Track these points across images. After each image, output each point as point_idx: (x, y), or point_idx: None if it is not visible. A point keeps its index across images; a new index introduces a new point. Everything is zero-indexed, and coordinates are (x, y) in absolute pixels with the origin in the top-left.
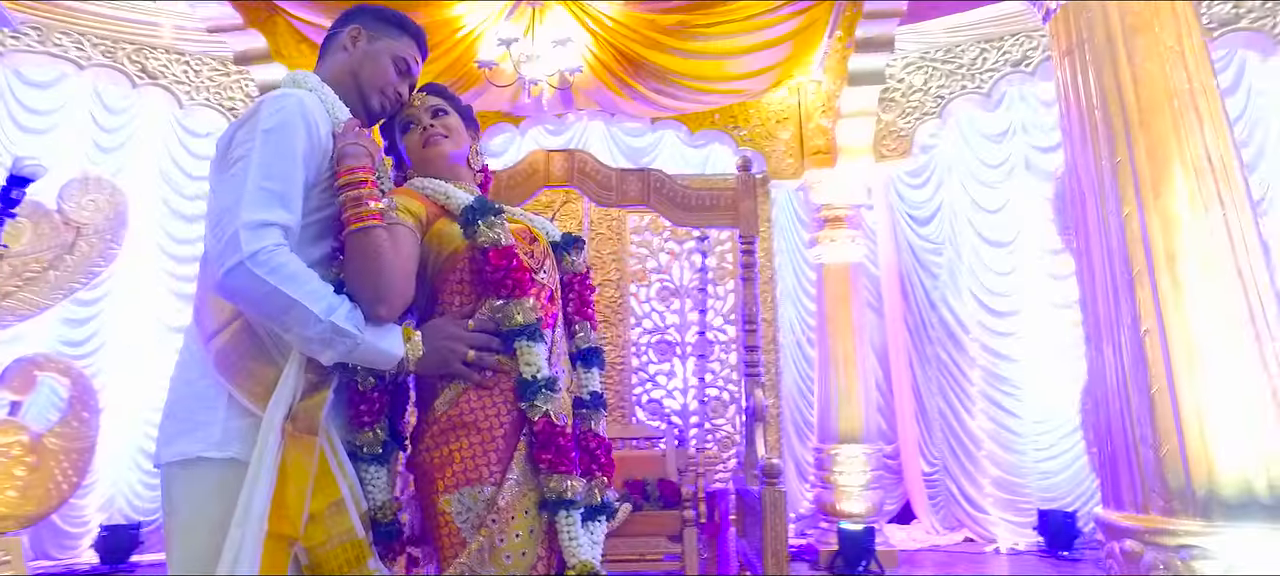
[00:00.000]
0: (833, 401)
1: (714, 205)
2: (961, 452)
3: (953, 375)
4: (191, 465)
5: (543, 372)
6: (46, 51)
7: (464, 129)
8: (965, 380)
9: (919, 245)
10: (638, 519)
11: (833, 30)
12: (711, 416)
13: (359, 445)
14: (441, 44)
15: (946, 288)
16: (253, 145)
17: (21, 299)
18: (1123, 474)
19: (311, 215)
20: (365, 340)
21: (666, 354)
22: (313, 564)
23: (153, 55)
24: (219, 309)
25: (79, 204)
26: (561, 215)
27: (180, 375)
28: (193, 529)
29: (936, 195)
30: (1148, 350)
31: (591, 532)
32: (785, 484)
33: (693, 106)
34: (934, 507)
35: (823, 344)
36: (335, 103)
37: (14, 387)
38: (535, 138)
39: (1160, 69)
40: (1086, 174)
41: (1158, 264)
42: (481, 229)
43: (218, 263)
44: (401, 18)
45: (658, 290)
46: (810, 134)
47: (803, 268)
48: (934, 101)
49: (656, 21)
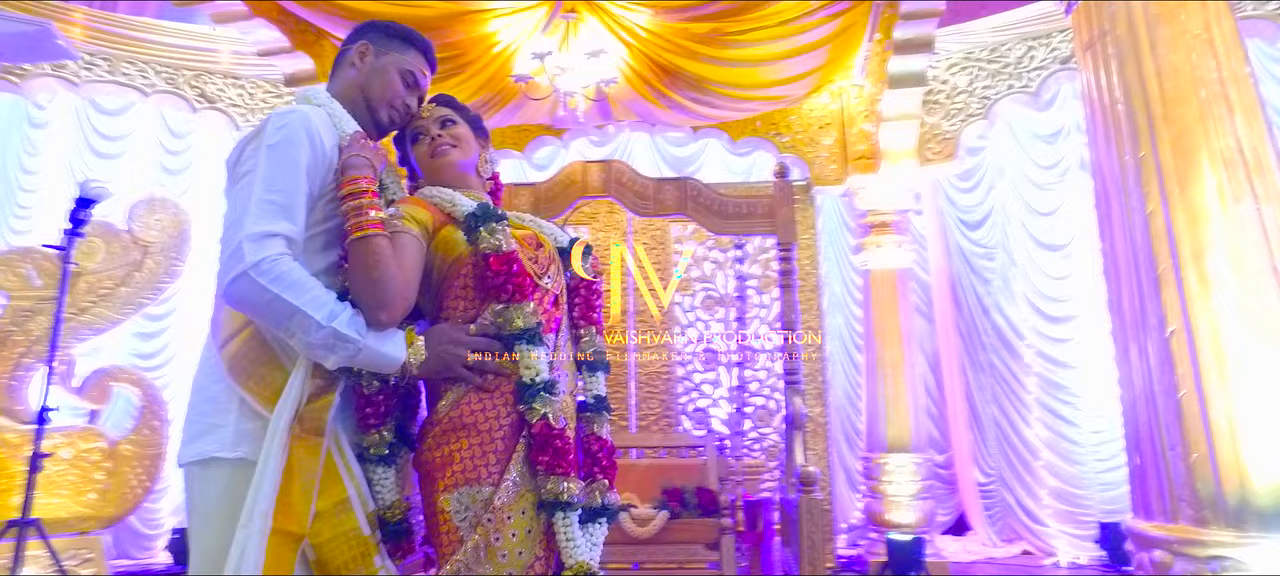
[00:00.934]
0: (880, 409)
1: (751, 213)
2: (1018, 462)
3: (1007, 383)
4: (207, 465)
5: (541, 376)
6: (115, 80)
7: (472, 138)
8: (1021, 388)
9: (970, 250)
10: (675, 526)
11: (872, 33)
12: (758, 425)
13: (366, 447)
14: (478, 60)
15: (999, 293)
16: (258, 160)
17: (97, 314)
18: (1151, 481)
19: (318, 226)
20: (367, 345)
21: (712, 363)
22: (320, 560)
23: (210, 80)
24: (230, 317)
25: (146, 223)
26: (605, 225)
27: (198, 381)
28: (207, 526)
29: (988, 199)
30: (1174, 352)
31: (590, 534)
32: (833, 493)
33: (732, 114)
34: (990, 519)
35: (870, 351)
36: (343, 116)
37: (92, 397)
38: (579, 149)
39: (1186, 59)
40: (1110, 171)
41: (1183, 261)
42: (483, 235)
43: (224, 272)
44: (408, 32)
45: (702, 299)
46: (853, 139)
47: (851, 275)
48: (979, 103)
49: (689, 30)
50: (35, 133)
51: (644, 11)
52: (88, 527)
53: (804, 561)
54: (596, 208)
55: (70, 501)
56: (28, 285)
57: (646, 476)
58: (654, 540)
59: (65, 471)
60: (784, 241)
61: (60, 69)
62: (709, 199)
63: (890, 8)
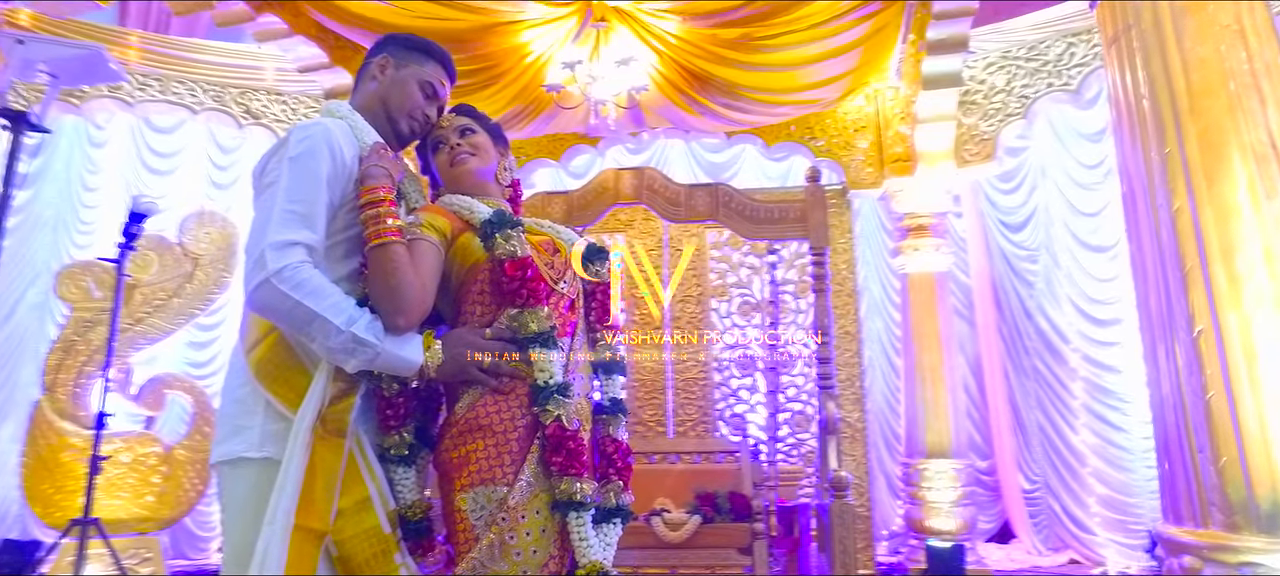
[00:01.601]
0: (919, 415)
1: (783, 217)
2: (1064, 469)
3: (1052, 387)
4: (236, 465)
5: (555, 379)
6: (166, 99)
7: (491, 146)
8: (1066, 393)
9: (1012, 252)
10: (708, 531)
11: (905, 34)
12: (795, 430)
13: (386, 447)
14: (511, 70)
15: (1043, 296)
16: (281, 171)
17: (151, 324)
18: (1181, 486)
19: (339, 234)
20: (385, 349)
21: (748, 368)
22: (342, 557)
23: (255, 97)
24: (256, 323)
25: (196, 237)
26: (641, 232)
27: (228, 384)
28: (236, 523)
29: (1030, 200)
30: (1202, 352)
31: (604, 534)
32: (873, 499)
33: (765, 119)
34: (1035, 527)
35: (908, 355)
36: (364, 128)
37: (148, 404)
38: (615, 157)
39: (1214, 50)
40: (1135, 169)
41: (1212, 259)
42: (498, 241)
43: (248, 280)
44: (427, 44)
45: (738, 304)
46: (889, 142)
47: (889, 278)
48: (1018, 102)
49: (718, 36)
50: (95, 151)
51: (673, 18)
52: (146, 528)
53: (836, 566)
54: (631, 214)
55: (130, 503)
56: (89, 297)
57: (681, 481)
58: (686, 544)
59: (125, 474)
60: (816, 246)
61: (116, 90)
62: (740, 204)
63: (923, 8)
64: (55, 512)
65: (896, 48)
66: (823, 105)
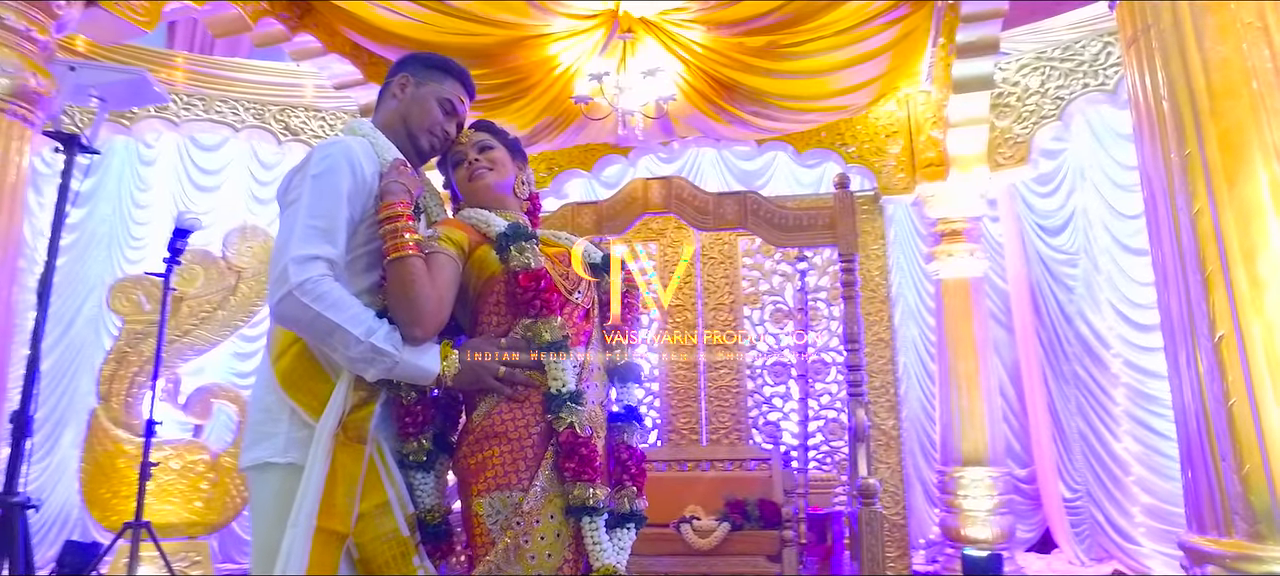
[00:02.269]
0: (955, 422)
1: (812, 225)
2: (1107, 477)
3: (1093, 394)
4: (262, 470)
5: (568, 387)
6: (210, 118)
7: (509, 161)
8: (1108, 399)
9: (1050, 256)
10: (737, 538)
11: (935, 38)
12: (828, 438)
13: (406, 453)
14: (540, 82)
15: (1083, 300)
16: (303, 189)
17: (198, 336)
18: (1203, 494)
19: (360, 248)
20: (403, 358)
21: (782, 376)
22: (363, 558)
23: (294, 114)
24: (281, 334)
25: (239, 250)
26: (673, 241)
27: (255, 393)
28: (263, 525)
29: (1068, 202)
30: (1223, 358)
31: (618, 539)
32: (909, 507)
33: (794, 126)
34: (1077, 536)
35: (942, 362)
36: (385, 145)
37: (196, 413)
38: (647, 166)
39: (1236, 49)
40: (1155, 172)
41: (1233, 262)
42: (513, 254)
43: (272, 293)
44: (446, 62)
45: (771, 312)
46: (921, 146)
47: (925, 284)
48: (1052, 104)
49: (745, 44)
50: (145, 170)
51: (698, 28)
52: (196, 532)
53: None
54: (664, 223)
55: (180, 508)
56: (139, 310)
57: (712, 489)
58: (715, 551)
59: (175, 480)
60: (845, 253)
61: (163, 110)
62: (769, 212)
63: (952, 11)
64: (111, 516)
65: (926, 52)
66: (853, 111)
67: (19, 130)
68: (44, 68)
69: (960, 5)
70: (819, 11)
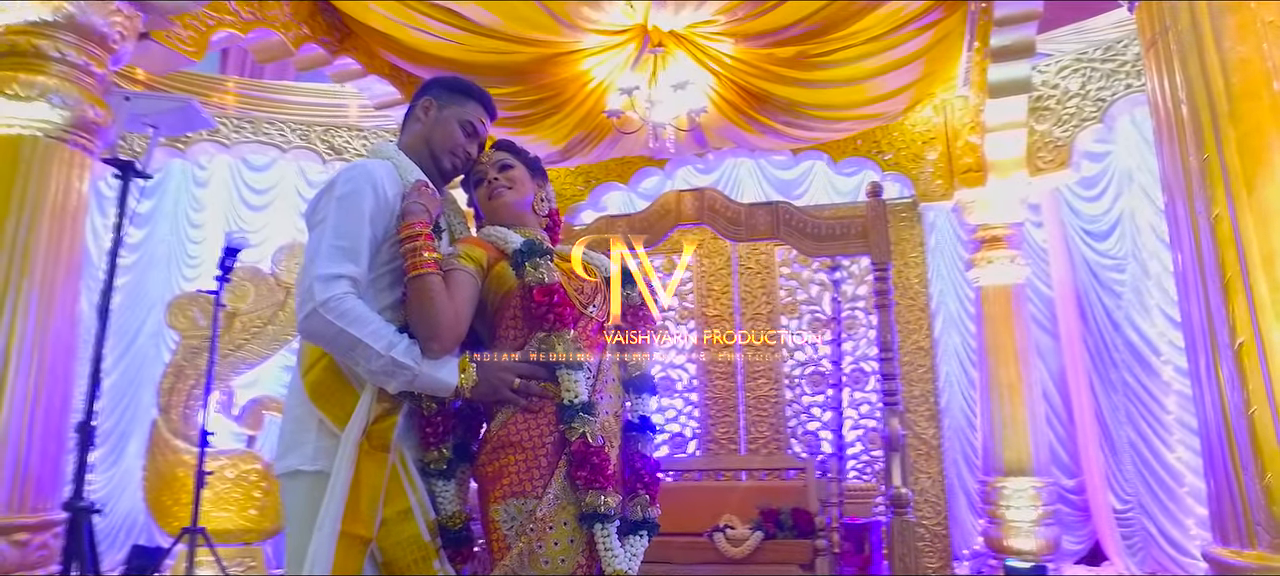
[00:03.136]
0: (996, 431)
1: (845, 234)
2: (1159, 488)
3: (1143, 402)
4: (293, 477)
5: (580, 398)
6: (258, 140)
7: (528, 179)
8: (1159, 408)
9: (1097, 261)
10: (769, 547)
11: (970, 42)
12: (867, 448)
13: (427, 462)
14: (574, 98)
15: (1131, 306)
16: (329, 210)
17: (250, 350)
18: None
19: (384, 266)
20: (422, 371)
21: (820, 386)
22: (386, 561)
23: (338, 134)
24: (309, 349)
25: (287, 267)
26: (710, 251)
27: (287, 404)
28: (293, 529)
29: (1115, 206)
30: (1243, 365)
31: (630, 545)
32: (952, 517)
33: (828, 135)
34: (1128, 549)
35: (984, 370)
36: (408, 167)
37: (249, 424)
38: (685, 177)
39: (1256, 49)
40: (1175, 177)
41: (1253, 267)
42: (528, 269)
43: (299, 310)
44: (467, 84)
45: (809, 321)
46: (959, 152)
47: (966, 292)
48: (1094, 106)
49: (774, 55)
50: (199, 191)
51: (727, 40)
52: (250, 539)
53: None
54: (700, 235)
55: (236, 515)
56: (195, 325)
57: (747, 498)
58: (748, 560)
59: (231, 489)
60: (878, 261)
61: (215, 133)
62: (801, 221)
63: (985, 14)
64: (172, 522)
65: (962, 56)
66: (888, 118)
67: (79, 159)
68: (101, 99)
69: (994, 8)
70: (848, 19)
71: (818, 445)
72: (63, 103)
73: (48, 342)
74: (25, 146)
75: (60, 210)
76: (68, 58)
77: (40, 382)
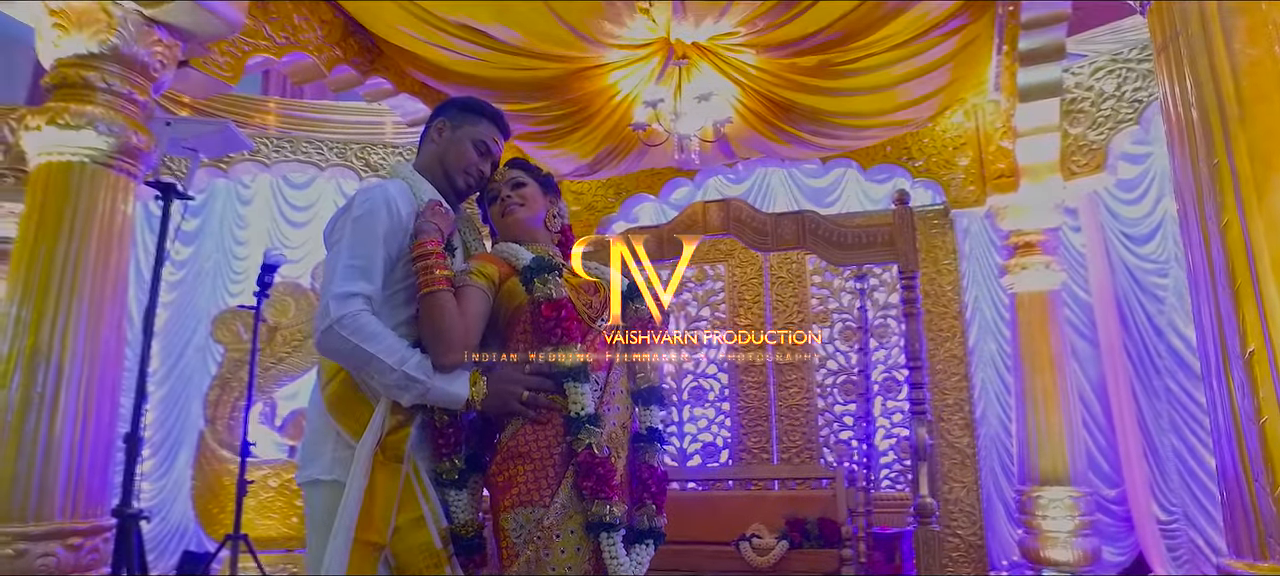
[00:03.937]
0: (1032, 440)
1: (872, 242)
2: (1206, 498)
3: (1187, 410)
4: (312, 486)
5: (586, 410)
6: (297, 159)
7: (540, 196)
8: (1205, 415)
9: (1137, 266)
10: (795, 556)
11: (1000, 46)
12: (899, 457)
13: (440, 472)
14: (600, 111)
15: (1175, 311)
16: (345, 230)
17: (291, 363)
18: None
19: (399, 283)
20: (434, 385)
21: (852, 394)
22: (399, 566)
23: (373, 151)
24: (327, 364)
25: None
26: (741, 261)
27: (308, 416)
28: (313, 536)
29: (1156, 210)
30: (1254, 373)
31: (636, 554)
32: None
33: (856, 143)
34: (1174, 561)
35: (1018, 378)
36: (423, 187)
37: (290, 435)
38: (716, 188)
39: (1268, 52)
40: (1185, 182)
41: (1263, 274)
42: (537, 285)
43: (316, 327)
44: (481, 105)
45: (840, 330)
46: (991, 157)
47: (1001, 298)
48: (1130, 108)
49: (797, 65)
50: (243, 209)
51: (750, 51)
52: (293, 546)
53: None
54: (732, 245)
55: (278, 523)
56: (239, 339)
57: (776, 507)
58: (773, 569)
59: (274, 498)
60: (906, 269)
61: (256, 153)
62: (827, 230)
63: (1013, 17)
64: (219, 529)
65: (992, 60)
66: (916, 125)
67: (124, 183)
68: (144, 126)
69: (1021, 11)
70: (871, 27)
71: (850, 454)
72: (108, 130)
73: (97, 357)
74: (74, 172)
75: (107, 232)
76: (113, 87)
77: (90, 395)
